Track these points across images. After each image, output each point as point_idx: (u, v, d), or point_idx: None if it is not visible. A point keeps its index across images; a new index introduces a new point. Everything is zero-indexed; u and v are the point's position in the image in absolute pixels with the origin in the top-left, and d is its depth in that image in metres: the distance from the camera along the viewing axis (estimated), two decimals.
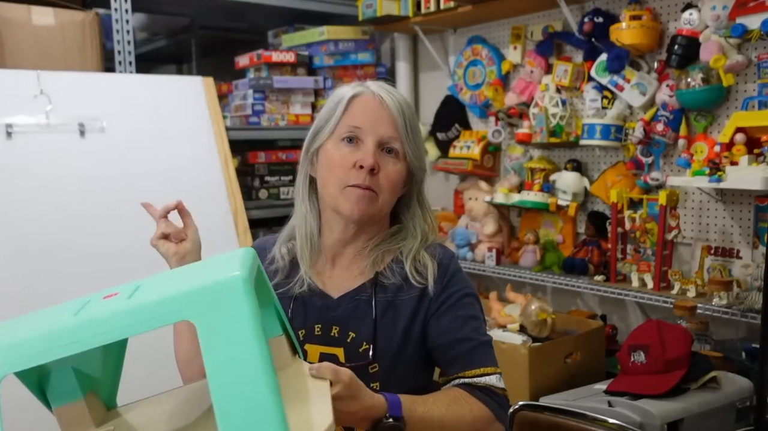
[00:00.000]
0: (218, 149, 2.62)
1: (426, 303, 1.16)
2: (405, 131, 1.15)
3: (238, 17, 3.38)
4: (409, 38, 3.15)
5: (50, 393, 0.84)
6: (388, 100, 1.16)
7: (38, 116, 2.29)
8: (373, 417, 0.96)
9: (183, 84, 2.72)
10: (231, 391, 0.68)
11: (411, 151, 1.16)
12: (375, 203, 1.15)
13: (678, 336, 1.81)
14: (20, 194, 2.18)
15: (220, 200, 2.56)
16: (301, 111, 2.98)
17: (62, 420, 0.85)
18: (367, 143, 1.14)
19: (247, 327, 0.69)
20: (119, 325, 0.70)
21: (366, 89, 1.18)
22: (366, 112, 1.16)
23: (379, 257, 1.20)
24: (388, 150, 1.16)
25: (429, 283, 1.16)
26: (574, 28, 2.43)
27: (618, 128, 2.33)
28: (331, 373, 0.90)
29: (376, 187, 1.14)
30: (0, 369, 0.69)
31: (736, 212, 2.12)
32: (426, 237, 1.22)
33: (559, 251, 2.56)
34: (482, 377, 1.12)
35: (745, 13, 1.92)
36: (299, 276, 1.21)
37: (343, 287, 1.20)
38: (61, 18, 2.48)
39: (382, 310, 1.16)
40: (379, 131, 1.15)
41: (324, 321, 1.18)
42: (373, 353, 1.14)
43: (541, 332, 2.12)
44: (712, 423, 1.72)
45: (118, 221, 2.27)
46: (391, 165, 1.15)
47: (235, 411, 0.67)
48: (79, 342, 0.70)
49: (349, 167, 1.14)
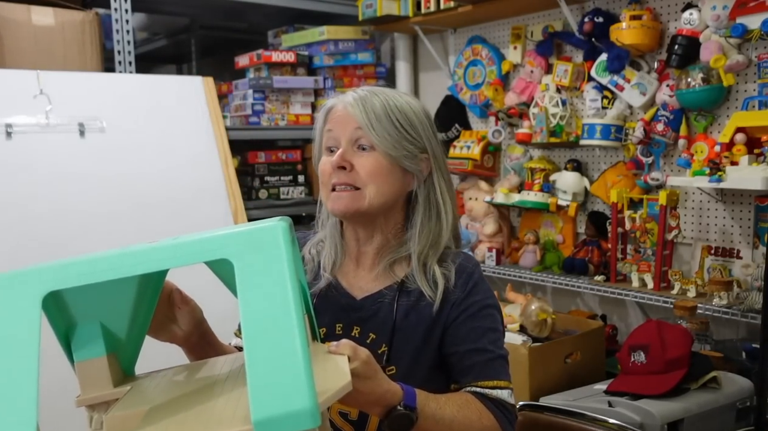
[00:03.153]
0: (218, 149, 2.62)
1: (447, 309, 1.17)
2: (368, 123, 1.16)
3: (238, 17, 3.38)
4: (409, 38, 3.15)
5: (75, 344, 0.86)
6: (354, 102, 1.18)
7: (38, 116, 2.29)
8: (387, 403, 0.97)
9: (183, 84, 2.72)
10: (261, 330, 0.70)
11: (383, 142, 1.16)
12: (360, 199, 1.16)
13: (678, 336, 1.81)
14: (20, 194, 2.18)
15: (220, 200, 2.56)
16: (301, 111, 2.98)
17: (82, 374, 0.87)
18: (339, 147, 1.17)
19: (283, 270, 0.71)
20: (162, 256, 0.73)
21: (338, 101, 1.21)
22: (335, 118, 1.19)
23: (396, 263, 1.21)
24: (361, 147, 1.17)
25: (437, 301, 1.16)
26: (574, 28, 2.43)
27: (618, 128, 2.33)
28: (350, 349, 0.91)
29: (355, 182, 1.16)
30: (46, 284, 0.72)
31: (737, 212, 2.12)
32: (436, 237, 1.21)
33: (559, 251, 2.56)
34: (495, 389, 1.13)
35: (746, 13, 1.92)
36: (325, 276, 1.24)
37: (367, 289, 1.21)
38: (61, 18, 2.48)
39: (403, 313, 1.17)
40: (346, 130, 1.17)
41: (346, 321, 1.20)
42: (390, 355, 1.15)
43: (541, 332, 2.12)
44: (712, 424, 1.72)
45: (118, 220, 2.27)
46: (365, 158, 1.16)
47: (263, 349, 0.70)
48: (123, 267, 0.73)
49: (328, 172, 1.18)
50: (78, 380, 0.87)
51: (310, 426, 0.68)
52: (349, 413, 1.16)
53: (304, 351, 0.69)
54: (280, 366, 0.69)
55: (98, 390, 0.87)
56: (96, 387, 0.87)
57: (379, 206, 1.19)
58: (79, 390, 0.87)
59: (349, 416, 1.16)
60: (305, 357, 0.69)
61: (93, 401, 0.87)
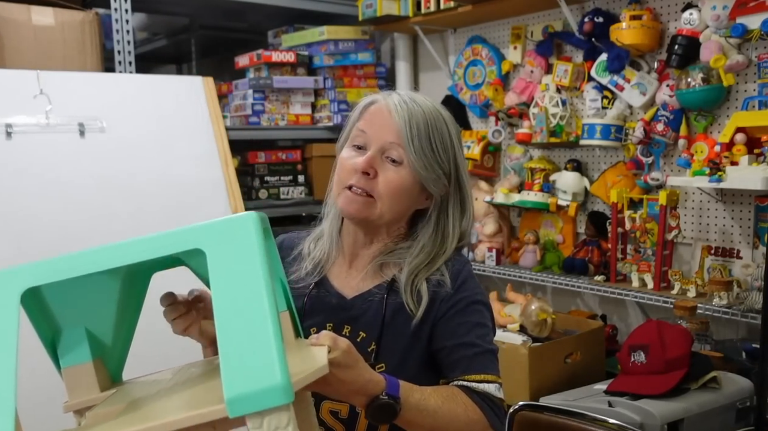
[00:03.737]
0: (218, 149, 2.62)
1: (436, 306, 1.17)
2: (408, 139, 1.15)
3: (238, 17, 3.37)
4: (409, 38, 3.15)
5: (61, 350, 0.88)
6: (397, 108, 1.16)
7: (38, 116, 2.28)
8: (370, 393, 0.97)
9: (183, 84, 2.72)
10: (233, 313, 0.71)
11: (415, 159, 1.15)
12: (372, 208, 1.16)
13: (678, 336, 1.81)
14: (20, 194, 2.18)
15: (220, 200, 2.56)
16: (301, 111, 2.98)
17: (69, 380, 0.88)
18: (369, 149, 1.16)
19: (254, 256, 0.73)
20: (139, 248, 0.75)
21: (381, 98, 1.20)
22: (373, 119, 1.18)
23: (390, 264, 1.21)
24: (391, 159, 1.16)
25: (418, 315, 1.16)
26: (574, 28, 2.43)
27: (618, 128, 2.33)
28: (329, 340, 0.91)
29: (373, 191, 1.15)
30: (24, 281, 0.75)
31: (736, 212, 2.12)
32: (434, 259, 1.21)
33: (559, 251, 2.56)
34: (482, 383, 1.12)
35: (746, 13, 1.92)
36: (318, 274, 1.24)
37: (358, 288, 1.22)
38: (61, 18, 2.48)
39: (392, 311, 1.17)
40: (381, 137, 1.16)
41: (336, 320, 1.20)
42: (378, 352, 1.15)
43: (541, 332, 2.12)
44: (712, 423, 1.72)
45: (118, 220, 2.27)
46: (391, 172, 1.16)
47: (234, 331, 0.71)
48: (100, 261, 0.75)
49: (349, 170, 1.17)
50: (65, 386, 0.88)
51: (283, 401, 0.69)
52: (339, 411, 1.16)
53: (275, 330, 0.70)
54: (252, 346, 0.70)
55: (85, 395, 0.88)
56: (83, 393, 0.88)
57: (387, 220, 1.20)
58: (67, 395, 0.88)
59: (340, 414, 1.16)
60: (276, 336, 0.70)
61: (80, 406, 0.87)
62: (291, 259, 1.29)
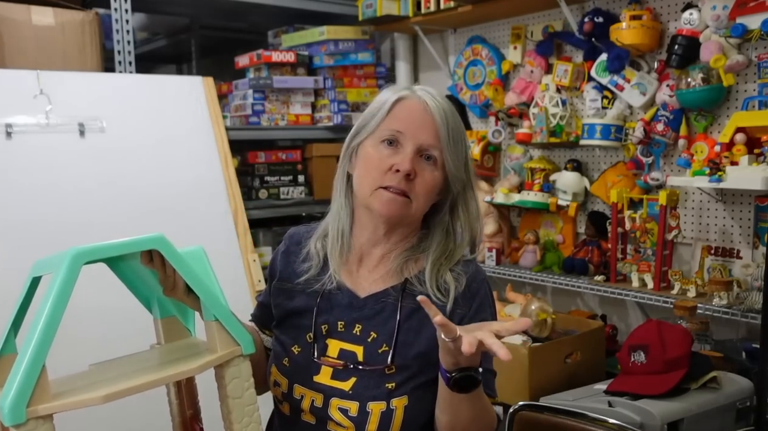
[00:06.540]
0: (218, 149, 2.62)
1: (454, 322, 1.17)
2: (447, 139, 1.15)
3: (238, 17, 3.38)
4: (409, 38, 3.15)
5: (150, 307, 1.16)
6: (433, 106, 1.16)
7: (38, 116, 2.28)
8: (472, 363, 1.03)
9: (183, 84, 2.72)
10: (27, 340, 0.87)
11: (451, 160, 1.16)
12: (408, 208, 1.16)
13: (678, 336, 1.81)
14: (20, 194, 2.18)
15: (220, 200, 2.56)
16: (301, 111, 2.98)
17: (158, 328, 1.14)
18: (406, 148, 1.15)
19: (50, 292, 0.89)
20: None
21: (412, 93, 1.18)
22: (409, 116, 1.16)
23: (404, 264, 1.21)
24: (426, 157, 1.16)
25: (448, 304, 1.16)
26: (574, 28, 2.43)
27: (618, 128, 2.33)
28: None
29: (410, 192, 1.15)
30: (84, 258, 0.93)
31: (736, 212, 2.12)
32: (451, 253, 1.22)
33: (559, 251, 2.56)
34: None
35: (746, 12, 1.92)
36: (329, 273, 1.23)
37: (371, 288, 1.21)
38: (61, 18, 2.48)
39: (406, 315, 1.17)
40: (420, 137, 1.15)
41: (348, 319, 1.20)
42: (392, 356, 1.15)
43: (542, 332, 2.12)
44: (712, 424, 1.72)
45: (118, 220, 2.27)
46: (428, 172, 1.16)
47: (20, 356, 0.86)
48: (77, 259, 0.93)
49: (385, 169, 1.14)
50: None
51: (8, 422, 0.83)
52: (349, 409, 1.15)
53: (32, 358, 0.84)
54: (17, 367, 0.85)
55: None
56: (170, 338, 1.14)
57: (415, 219, 1.20)
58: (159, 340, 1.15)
59: (349, 412, 1.15)
60: (32, 362, 0.84)
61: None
62: (299, 256, 1.28)
